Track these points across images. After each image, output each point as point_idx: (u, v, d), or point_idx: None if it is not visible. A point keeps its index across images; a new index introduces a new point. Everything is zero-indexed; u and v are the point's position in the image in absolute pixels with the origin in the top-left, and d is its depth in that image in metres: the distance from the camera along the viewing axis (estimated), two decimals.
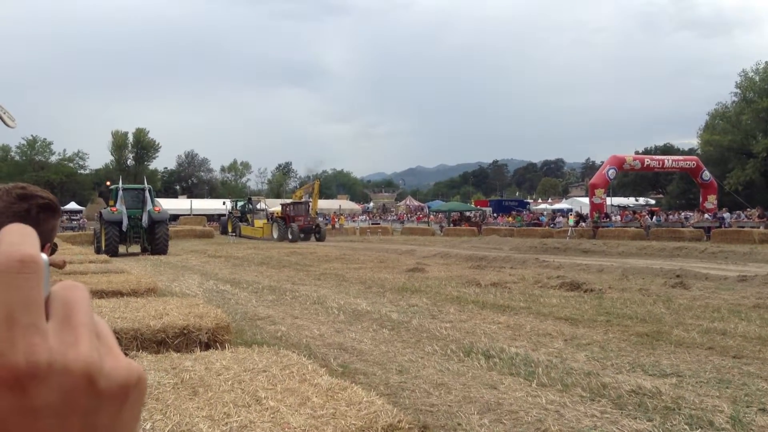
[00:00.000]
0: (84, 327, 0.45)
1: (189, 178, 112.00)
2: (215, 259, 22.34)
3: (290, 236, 37.41)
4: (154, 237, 24.62)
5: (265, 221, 43.08)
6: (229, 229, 44.79)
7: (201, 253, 25.39)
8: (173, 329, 5.76)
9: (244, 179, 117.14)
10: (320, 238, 38.75)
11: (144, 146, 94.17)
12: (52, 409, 0.41)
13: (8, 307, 0.42)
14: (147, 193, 24.86)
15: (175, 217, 50.38)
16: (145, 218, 24.33)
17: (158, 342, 5.67)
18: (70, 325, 0.45)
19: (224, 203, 52.64)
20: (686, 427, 4.62)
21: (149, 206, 24.53)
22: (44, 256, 0.46)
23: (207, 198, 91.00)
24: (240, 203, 50.88)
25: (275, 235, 39.39)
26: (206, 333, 5.81)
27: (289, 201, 41.74)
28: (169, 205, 52.57)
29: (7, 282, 0.42)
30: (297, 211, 40.74)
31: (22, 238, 0.45)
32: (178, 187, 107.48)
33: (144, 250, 25.11)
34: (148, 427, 3.15)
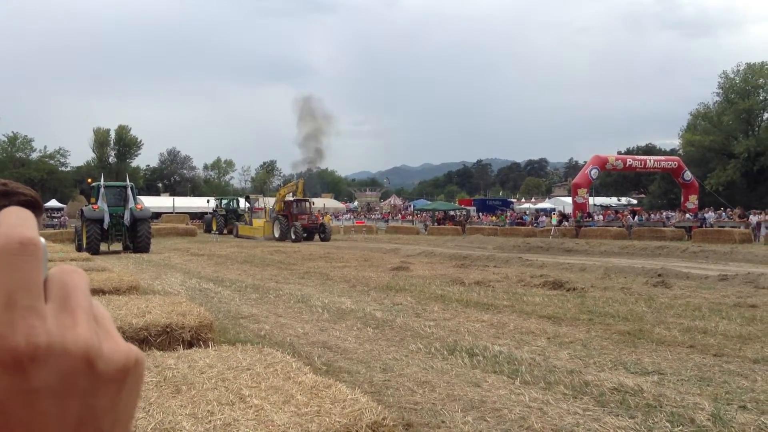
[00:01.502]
0: (82, 310, 0.45)
1: (171, 176, 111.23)
2: (198, 258, 22.21)
3: (293, 236, 35.24)
4: (136, 235, 24.42)
5: (265, 220, 41.14)
6: (214, 228, 43.67)
7: (183, 252, 25.23)
8: (156, 327, 5.72)
9: (227, 177, 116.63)
10: (325, 238, 36.30)
11: (126, 143, 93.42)
12: (51, 390, 0.42)
13: (8, 289, 0.42)
14: (129, 191, 24.65)
15: (157, 215, 49.99)
16: (127, 216, 24.12)
17: (141, 340, 5.63)
18: (69, 308, 0.45)
19: (208, 201, 51.38)
20: (668, 424, 4.66)
21: (131, 204, 24.32)
22: (42, 240, 0.46)
23: (190, 196, 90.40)
24: (225, 201, 49.83)
25: (276, 234, 37.18)
26: (189, 331, 5.78)
27: (291, 199, 39.24)
28: (151, 202, 52.08)
29: (7, 263, 0.42)
30: (300, 209, 38.32)
31: (21, 220, 0.45)
32: (160, 184, 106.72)
33: (126, 248, 24.91)
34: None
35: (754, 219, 33.39)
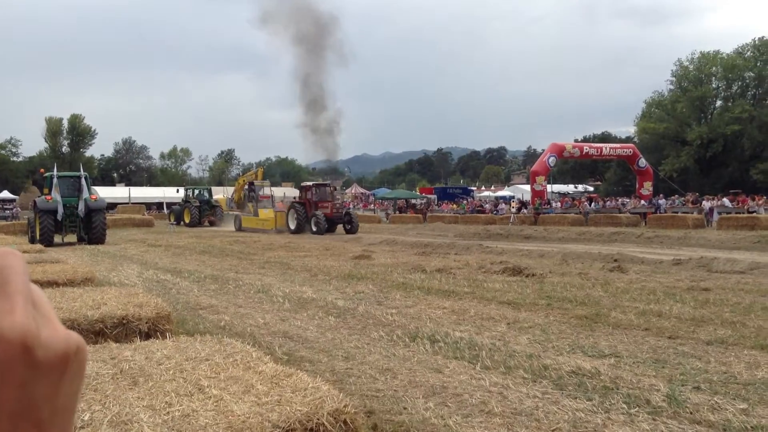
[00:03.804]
0: (20, 295, 0.43)
1: (127, 166, 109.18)
2: (155, 249, 21.86)
3: (314, 227, 30.19)
4: (90, 226, 23.90)
5: (273, 210, 35.25)
6: (187, 219, 41.30)
7: (140, 243, 24.81)
8: (111, 319, 5.61)
9: (184, 166, 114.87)
10: (352, 230, 30.64)
11: (79, 133, 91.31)
12: None
13: None
14: (83, 181, 24.06)
15: (112, 206, 49.01)
16: (81, 207, 23.57)
17: (96, 332, 5.52)
18: (5, 293, 0.43)
19: (178, 191, 48.63)
20: (624, 405, 4.75)
21: (85, 194, 23.77)
22: None
23: (146, 186, 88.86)
24: (197, 191, 46.28)
25: (292, 226, 31.63)
26: (146, 323, 5.68)
27: (310, 183, 34.11)
28: (106, 193, 50.85)
29: None
30: (321, 195, 32.28)
31: None
32: (115, 174, 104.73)
33: (80, 240, 24.36)
34: (86, 417, 3.06)
35: (706, 204, 34.27)
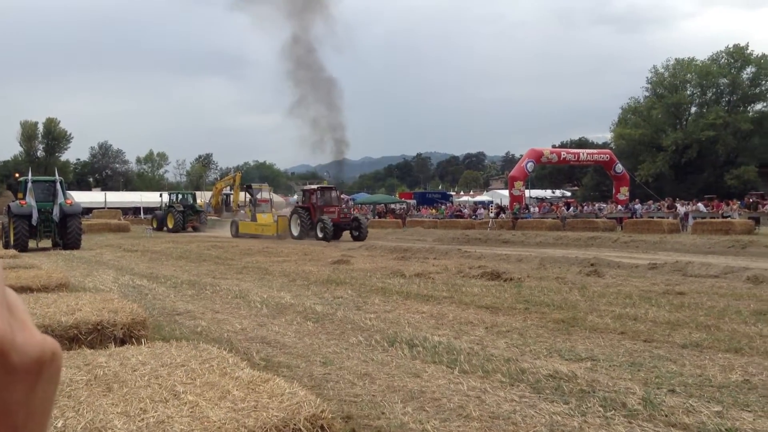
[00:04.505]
0: None
1: (103, 170, 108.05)
2: (131, 254, 21.64)
3: (320, 233, 28.44)
4: (66, 231, 23.59)
5: (270, 215, 34.13)
6: (170, 225, 40.39)
7: (116, 248, 24.54)
8: (86, 325, 5.54)
9: (161, 171, 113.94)
10: (360, 236, 28.77)
11: (55, 137, 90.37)
12: None
13: None
14: (58, 186, 23.77)
15: (88, 211, 48.45)
16: (56, 211, 23.26)
17: (70, 338, 5.44)
18: None
19: (161, 195, 46.98)
20: (600, 408, 4.78)
21: (60, 199, 23.47)
22: None
23: (122, 191, 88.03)
24: (181, 196, 45.02)
25: (295, 233, 29.88)
26: (121, 328, 5.61)
27: (314, 186, 32.19)
28: (82, 197, 50.39)
29: None
30: (326, 199, 30.33)
31: None
32: (91, 179, 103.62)
33: (55, 245, 24.05)
34: (59, 425, 3.01)
35: (681, 209, 34.72)
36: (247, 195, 38.70)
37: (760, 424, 4.42)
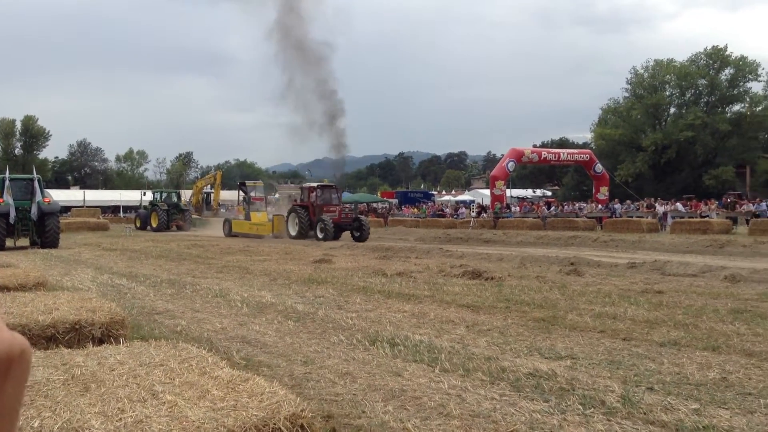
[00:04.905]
0: None
1: (82, 168, 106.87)
2: (110, 252, 21.42)
3: (320, 234, 27.47)
4: (44, 229, 23.29)
5: (265, 213, 32.97)
6: (154, 224, 39.51)
7: (95, 246, 24.28)
8: (64, 324, 5.48)
9: (141, 169, 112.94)
10: (362, 237, 27.77)
11: (33, 134, 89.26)
12: None
13: None
14: (36, 184, 23.45)
15: (66, 209, 47.84)
16: (34, 210, 22.95)
17: (48, 338, 5.38)
18: None
19: (144, 194, 46.23)
20: (580, 406, 4.81)
21: (38, 197, 23.16)
22: None
23: (101, 189, 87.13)
24: (165, 194, 44.16)
25: (293, 232, 28.79)
26: (99, 328, 5.55)
27: (314, 184, 31.01)
28: (60, 196, 49.66)
29: None
30: (326, 198, 29.34)
31: None
32: (70, 177, 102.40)
33: (33, 244, 23.74)
34: (36, 425, 2.97)
35: (660, 209, 35.07)
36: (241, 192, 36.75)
37: (737, 421, 4.48)
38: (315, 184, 30.56)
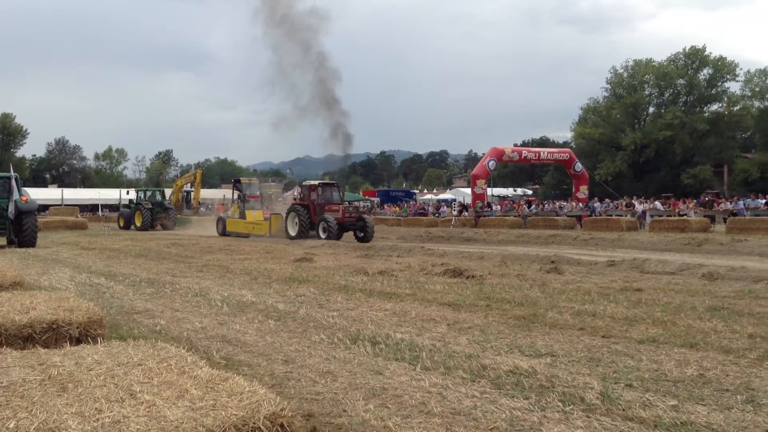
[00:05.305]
0: None
1: (60, 166, 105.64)
2: (89, 252, 21.20)
3: (323, 234, 26.42)
4: (21, 228, 22.98)
5: (260, 212, 32.00)
6: (138, 223, 39.03)
7: (73, 245, 24.02)
8: (41, 324, 5.39)
9: (120, 167, 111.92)
10: (365, 238, 26.76)
11: (10, 132, 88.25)
12: None
13: None
14: (13, 182, 23.13)
15: (44, 208, 47.34)
16: (11, 208, 22.64)
17: (24, 338, 5.30)
18: None
19: (128, 192, 45.57)
20: (560, 403, 4.84)
21: (16, 196, 22.84)
22: None
23: (80, 187, 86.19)
24: (149, 193, 43.36)
25: (292, 232, 27.69)
26: (77, 327, 5.48)
27: (315, 182, 29.79)
28: (38, 194, 49.03)
29: None
30: (327, 197, 28.22)
31: None
32: (48, 175, 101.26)
33: (10, 243, 23.41)
34: (11, 425, 2.93)
35: (639, 208, 35.39)
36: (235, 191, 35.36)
37: (714, 418, 4.53)
38: (316, 182, 29.57)
